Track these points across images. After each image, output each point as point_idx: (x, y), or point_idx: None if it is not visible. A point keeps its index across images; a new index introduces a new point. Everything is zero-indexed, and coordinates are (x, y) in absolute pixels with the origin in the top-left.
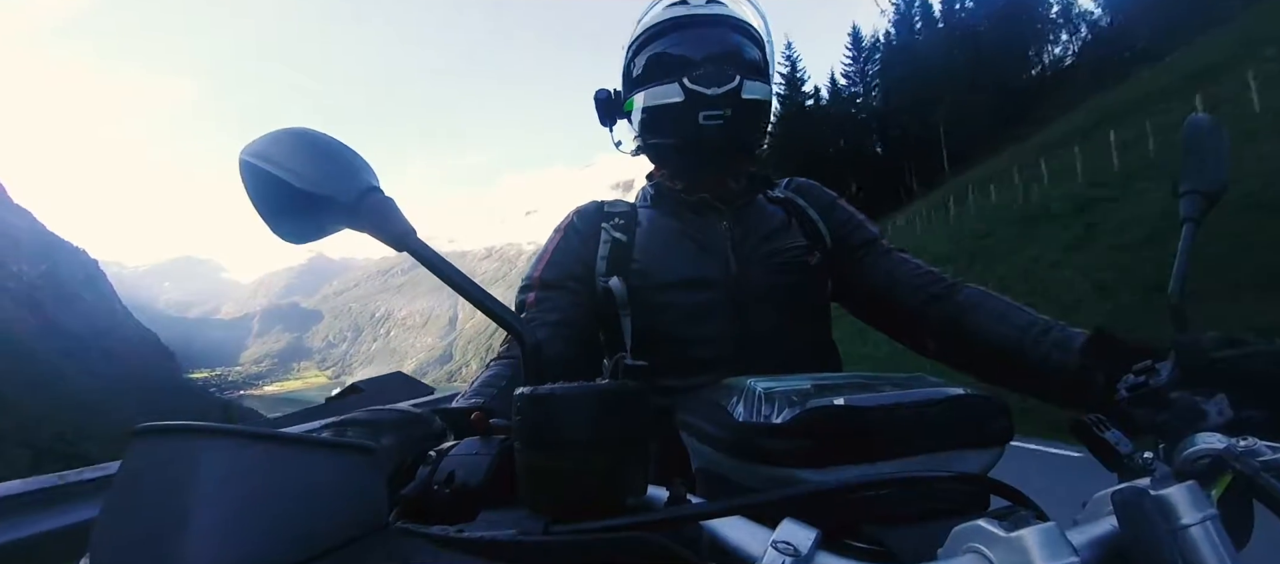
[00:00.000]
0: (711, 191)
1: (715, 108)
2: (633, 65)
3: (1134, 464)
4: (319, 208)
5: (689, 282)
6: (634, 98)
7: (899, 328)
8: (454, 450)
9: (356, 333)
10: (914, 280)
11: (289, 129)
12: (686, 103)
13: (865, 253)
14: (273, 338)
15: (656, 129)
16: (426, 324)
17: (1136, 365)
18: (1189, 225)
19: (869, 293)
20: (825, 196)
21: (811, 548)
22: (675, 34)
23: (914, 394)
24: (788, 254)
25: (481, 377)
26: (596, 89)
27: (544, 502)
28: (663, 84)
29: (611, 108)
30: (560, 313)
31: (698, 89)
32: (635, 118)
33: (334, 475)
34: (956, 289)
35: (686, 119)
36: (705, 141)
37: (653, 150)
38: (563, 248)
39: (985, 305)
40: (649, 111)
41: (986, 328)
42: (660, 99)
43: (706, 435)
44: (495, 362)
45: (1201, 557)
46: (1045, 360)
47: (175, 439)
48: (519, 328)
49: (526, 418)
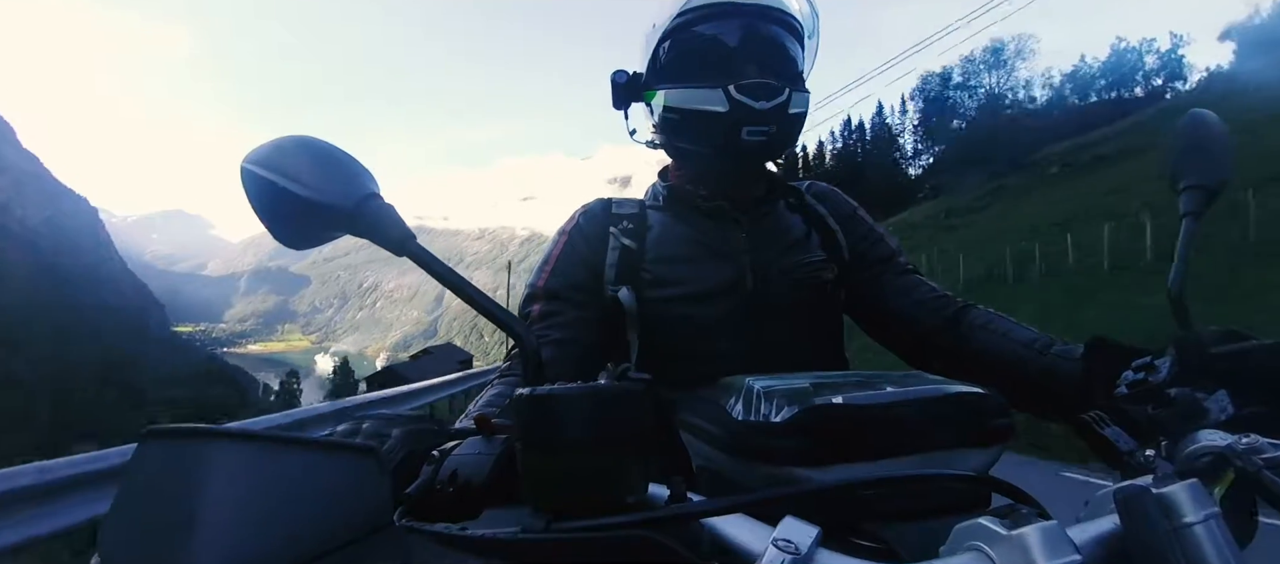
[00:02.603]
0: (730, 198)
1: (761, 124)
2: (661, 50)
3: (1136, 462)
4: (320, 214)
5: (703, 294)
6: (660, 90)
7: (907, 348)
8: (457, 450)
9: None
10: (928, 303)
11: (290, 137)
12: (730, 114)
13: (882, 270)
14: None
15: (689, 134)
16: (413, 298)
17: (1136, 362)
18: (1189, 220)
19: (882, 310)
20: (846, 206)
21: (812, 545)
22: (717, 23)
23: (913, 392)
24: (807, 268)
25: (488, 394)
26: (614, 70)
27: (546, 500)
28: (703, 87)
29: (629, 92)
30: (562, 331)
31: (746, 102)
32: (657, 111)
33: (339, 476)
34: (966, 312)
35: (728, 131)
36: (745, 156)
37: (677, 152)
38: (568, 254)
39: (992, 326)
40: (681, 113)
41: (992, 346)
42: (699, 104)
43: (706, 434)
44: (501, 379)
45: (1204, 555)
46: (1050, 372)
47: (183, 442)
48: (519, 330)
49: (527, 418)
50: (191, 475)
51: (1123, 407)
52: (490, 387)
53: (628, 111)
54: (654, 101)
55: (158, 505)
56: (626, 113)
